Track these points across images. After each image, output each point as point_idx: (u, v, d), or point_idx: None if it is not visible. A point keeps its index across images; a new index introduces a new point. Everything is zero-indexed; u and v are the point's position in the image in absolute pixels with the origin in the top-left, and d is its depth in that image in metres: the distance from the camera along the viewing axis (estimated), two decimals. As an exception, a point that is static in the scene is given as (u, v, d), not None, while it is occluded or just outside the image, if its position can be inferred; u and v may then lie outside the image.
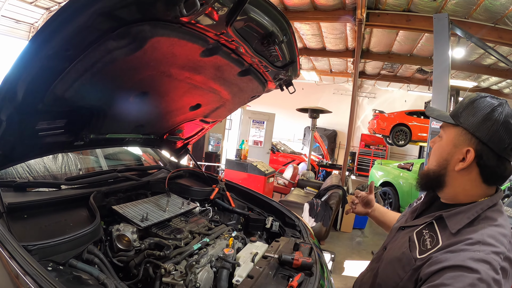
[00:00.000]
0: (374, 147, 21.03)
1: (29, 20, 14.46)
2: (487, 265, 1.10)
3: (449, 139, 1.37)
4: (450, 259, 1.15)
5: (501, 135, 1.25)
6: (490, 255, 1.12)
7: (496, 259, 1.12)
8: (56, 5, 12.95)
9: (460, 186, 1.35)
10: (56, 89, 1.69)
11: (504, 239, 1.19)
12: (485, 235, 1.18)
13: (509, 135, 1.24)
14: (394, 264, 1.39)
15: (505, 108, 1.28)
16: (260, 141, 13.96)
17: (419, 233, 1.37)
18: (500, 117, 1.26)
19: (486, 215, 1.26)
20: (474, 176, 1.31)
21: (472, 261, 1.11)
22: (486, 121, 1.27)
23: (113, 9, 1.41)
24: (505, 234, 1.20)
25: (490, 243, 1.16)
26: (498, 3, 7.92)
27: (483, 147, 1.27)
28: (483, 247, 1.15)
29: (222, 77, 2.42)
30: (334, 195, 7.15)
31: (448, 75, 6.24)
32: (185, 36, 1.75)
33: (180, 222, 2.60)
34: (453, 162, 1.34)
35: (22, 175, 2.53)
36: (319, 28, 11.81)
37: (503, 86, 15.34)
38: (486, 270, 1.08)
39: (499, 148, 1.25)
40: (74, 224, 2.05)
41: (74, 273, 1.66)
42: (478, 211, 1.27)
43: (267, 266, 2.09)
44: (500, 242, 1.17)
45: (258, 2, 1.74)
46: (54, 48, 1.47)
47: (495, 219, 1.25)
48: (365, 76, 17.71)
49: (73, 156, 3.08)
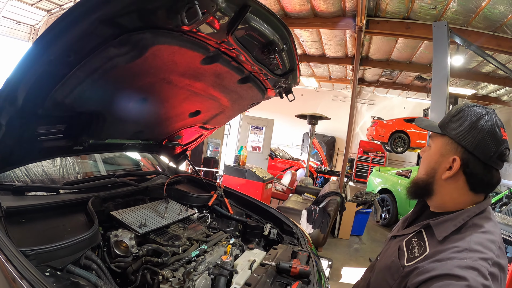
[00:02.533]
0: (373, 153, 21.03)
1: (30, 22, 14.50)
2: (475, 271, 1.10)
3: (437, 148, 1.39)
4: (437, 268, 1.15)
5: (487, 143, 1.26)
6: (478, 262, 1.13)
7: (484, 265, 1.12)
8: (57, 8, 12.99)
9: (448, 195, 1.36)
10: (56, 95, 1.70)
11: (492, 245, 1.19)
12: (472, 242, 1.19)
13: (495, 144, 1.26)
14: (384, 272, 1.40)
15: (491, 117, 1.30)
16: (258, 147, 13.95)
17: (408, 241, 1.39)
18: (486, 126, 1.27)
19: (474, 222, 1.27)
20: (461, 184, 1.33)
21: (459, 269, 1.11)
22: (472, 130, 1.29)
23: (115, 16, 1.42)
24: (493, 240, 1.21)
25: (477, 250, 1.16)
26: (497, 11, 7.96)
27: (469, 156, 1.29)
28: (470, 254, 1.15)
29: (222, 84, 2.43)
30: (332, 202, 7.15)
31: (447, 82, 6.26)
32: (186, 44, 1.76)
33: (178, 228, 2.60)
34: (440, 170, 1.36)
35: (20, 178, 2.53)
36: (319, 35, 11.84)
37: (501, 93, 15.40)
38: (474, 277, 1.09)
39: (485, 156, 1.27)
40: (72, 229, 2.06)
41: (72, 279, 1.66)
42: (465, 219, 1.28)
43: (264, 274, 2.10)
44: (488, 248, 1.17)
45: (259, 11, 1.74)
46: (56, 53, 1.48)
47: (482, 226, 1.25)
48: (364, 83, 17.74)
49: (72, 160, 3.08)
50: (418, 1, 8.40)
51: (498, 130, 1.28)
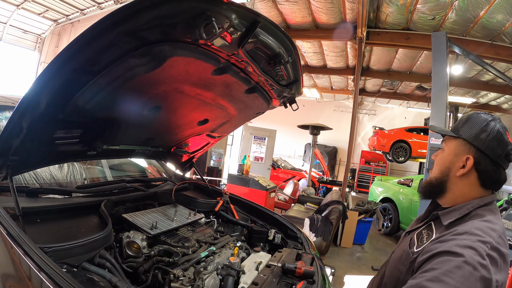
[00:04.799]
0: (374, 163, 21.08)
1: (36, 31, 14.69)
2: (472, 250, 1.20)
3: (451, 149, 1.53)
4: (438, 247, 1.26)
5: (496, 144, 1.42)
6: (476, 243, 1.22)
7: (482, 246, 1.22)
8: (64, 18, 13.16)
9: (460, 190, 1.49)
10: (77, 101, 1.80)
11: (493, 232, 1.29)
12: (473, 227, 1.30)
13: (503, 145, 1.41)
14: (397, 262, 1.52)
15: (497, 122, 1.46)
16: (261, 157, 14.02)
17: (419, 233, 1.51)
18: (494, 129, 1.43)
19: (477, 213, 1.39)
20: (473, 180, 1.46)
21: (458, 247, 1.21)
22: (482, 132, 1.44)
23: (138, 30, 1.55)
24: (494, 229, 1.31)
25: (476, 234, 1.26)
26: (495, 20, 8.10)
27: (480, 155, 1.43)
28: (470, 236, 1.25)
29: (230, 94, 2.55)
30: (334, 211, 7.21)
31: (447, 91, 6.37)
32: (200, 56, 1.90)
33: (187, 231, 2.68)
34: (454, 169, 1.49)
35: (29, 182, 2.56)
36: (321, 46, 11.99)
37: (501, 101, 15.52)
38: (471, 255, 1.18)
39: (494, 155, 1.41)
40: (86, 230, 2.13)
41: (88, 275, 1.73)
42: (469, 208, 1.40)
43: (271, 274, 2.19)
44: (487, 234, 1.27)
45: (267, 26, 1.89)
46: (81, 62, 1.60)
47: (485, 216, 1.36)
48: (366, 93, 17.86)
49: (79, 166, 3.14)
50: (417, 12, 8.55)
51: (504, 134, 1.43)
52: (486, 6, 7.55)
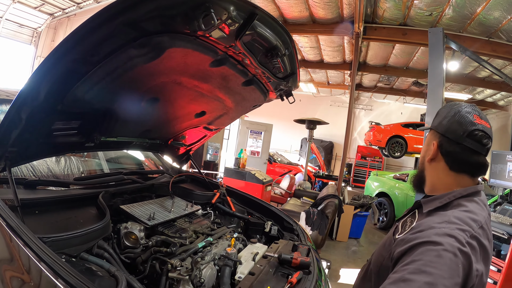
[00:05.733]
0: (370, 158, 21.14)
1: (32, 25, 14.63)
2: (452, 238, 1.20)
3: (426, 141, 1.61)
4: (417, 237, 1.26)
5: (456, 125, 1.44)
6: (455, 231, 1.23)
7: (461, 234, 1.23)
8: (60, 11, 13.12)
9: (435, 176, 1.54)
10: (76, 91, 1.82)
11: (473, 222, 1.30)
12: (452, 216, 1.31)
13: (464, 125, 1.42)
14: (381, 248, 1.55)
15: (463, 107, 1.48)
16: (257, 152, 14.04)
17: (404, 221, 1.53)
18: (455, 113, 1.47)
19: (459, 202, 1.40)
20: (442, 165, 1.50)
21: (436, 236, 1.22)
22: (445, 118, 1.49)
23: (139, 20, 1.57)
24: (475, 219, 1.31)
25: (455, 222, 1.27)
26: (492, 17, 8.12)
27: (442, 138, 1.48)
28: (449, 225, 1.26)
29: (227, 86, 2.57)
30: (330, 204, 7.25)
31: (443, 88, 6.38)
32: (198, 47, 1.92)
33: (185, 222, 2.71)
34: (426, 157, 1.56)
35: (26, 175, 2.57)
36: (317, 41, 11.98)
37: (497, 98, 15.57)
38: (451, 243, 1.18)
39: (455, 136, 1.44)
40: (84, 221, 2.15)
41: (86, 265, 1.76)
42: (450, 198, 1.42)
43: (267, 265, 2.23)
44: (466, 223, 1.28)
45: (264, 19, 1.91)
46: (81, 52, 1.62)
47: (466, 206, 1.37)
48: (362, 88, 17.86)
49: (76, 159, 3.16)
50: (415, 8, 8.55)
51: (469, 115, 1.44)
52: (483, 3, 7.57)
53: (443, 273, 1.12)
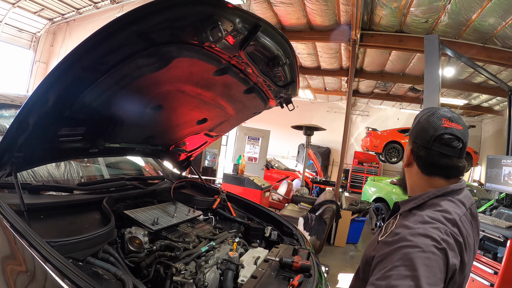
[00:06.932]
0: (367, 164, 21.18)
1: (31, 30, 14.66)
2: (427, 238, 1.25)
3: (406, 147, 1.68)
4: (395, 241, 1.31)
5: (424, 131, 1.52)
6: (428, 230, 1.28)
7: (435, 232, 1.28)
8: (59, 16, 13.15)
9: (411, 179, 1.63)
10: (84, 99, 1.86)
11: (447, 221, 1.35)
12: (426, 216, 1.36)
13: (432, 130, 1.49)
14: (368, 248, 1.59)
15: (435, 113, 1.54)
16: (255, 158, 14.10)
17: (388, 223, 1.57)
18: (425, 119, 1.54)
19: (433, 202, 1.46)
20: (416, 169, 1.58)
21: (412, 237, 1.27)
22: (416, 125, 1.58)
23: (149, 31, 1.64)
24: (449, 218, 1.36)
25: (428, 222, 1.33)
26: (487, 24, 8.23)
27: (414, 144, 1.57)
28: (423, 225, 1.32)
29: (229, 94, 2.64)
30: (328, 210, 7.29)
31: (438, 93, 6.45)
32: (204, 57, 1.99)
33: (187, 227, 2.75)
34: (403, 162, 1.66)
35: (27, 180, 2.56)
36: (315, 48, 12.08)
37: (493, 103, 15.69)
38: (426, 242, 1.24)
39: (424, 141, 1.51)
40: (89, 225, 2.18)
41: (93, 268, 1.79)
42: (424, 198, 1.49)
43: (269, 268, 2.27)
44: (440, 221, 1.34)
45: (267, 30, 1.99)
46: (91, 61, 1.67)
47: (440, 205, 1.42)
48: (359, 94, 17.98)
49: (75, 165, 3.17)
50: (411, 15, 8.65)
51: (438, 120, 1.50)
52: (478, 10, 7.68)
53: (424, 273, 1.16)
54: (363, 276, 1.56)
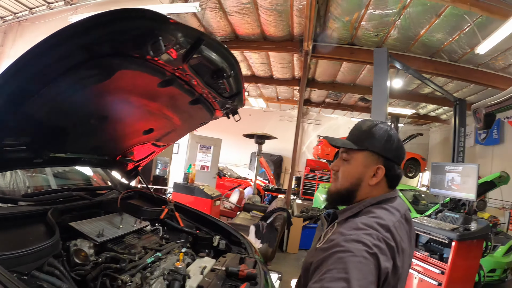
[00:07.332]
0: (319, 171, 21.43)
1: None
2: (359, 244, 1.31)
3: (359, 162, 1.64)
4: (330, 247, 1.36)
5: (399, 151, 1.61)
6: (361, 236, 1.34)
7: (367, 238, 1.34)
8: (11, 15, 12.64)
9: (369, 193, 1.62)
10: (28, 108, 1.83)
11: (380, 227, 1.41)
12: (359, 223, 1.42)
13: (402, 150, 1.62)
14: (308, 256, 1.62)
15: (393, 131, 1.64)
16: (207, 166, 14.07)
17: (327, 231, 1.61)
18: (395, 139, 1.61)
19: (368, 210, 1.53)
20: (383, 184, 1.62)
21: (345, 243, 1.32)
22: (387, 143, 1.60)
23: (91, 44, 1.64)
24: (382, 224, 1.43)
25: (362, 228, 1.39)
26: (435, 39, 8.70)
27: (389, 163, 1.60)
28: (356, 231, 1.38)
29: (175, 105, 2.67)
30: (279, 217, 7.36)
31: (386, 104, 6.66)
32: (147, 69, 2.01)
33: (133, 238, 2.72)
34: (366, 179, 1.62)
35: None
36: (268, 57, 12.21)
37: (440, 112, 16.48)
38: (358, 247, 1.29)
39: (399, 160, 1.61)
40: (34, 238, 2.12)
41: (38, 282, 1.76)
42: (360, 207, 1.55)
43: (215, 278, 2.30)
44: (373, 227, 1.40)
45: (210, 43, 2.04)
46: (33, 71, 1.65)
47: (374, 213, 1.49)
48: (311, 103, 18.33)
49: (22, 174, 3.08)
50: (362, 29, 8.97)
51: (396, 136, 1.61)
52: (427, 26, 8.10)
53: (356, 275, 1.22)
54: (304, 282, 1.60)
